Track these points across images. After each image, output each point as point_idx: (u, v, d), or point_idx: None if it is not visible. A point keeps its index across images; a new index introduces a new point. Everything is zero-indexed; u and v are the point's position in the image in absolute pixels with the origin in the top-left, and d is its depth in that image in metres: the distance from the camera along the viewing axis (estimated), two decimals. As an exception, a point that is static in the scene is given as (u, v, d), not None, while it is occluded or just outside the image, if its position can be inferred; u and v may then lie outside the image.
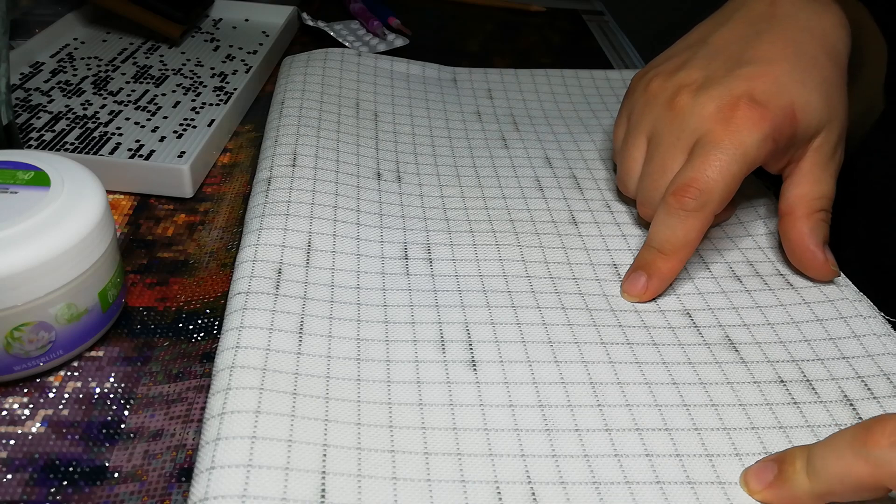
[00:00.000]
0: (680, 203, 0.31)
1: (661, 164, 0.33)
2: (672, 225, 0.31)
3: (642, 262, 0.33)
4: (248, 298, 0.29)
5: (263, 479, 0.23)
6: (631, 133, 0.36)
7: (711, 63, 0.34)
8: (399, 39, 0.60)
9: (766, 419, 0.27)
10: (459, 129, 0.45)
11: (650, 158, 0.34)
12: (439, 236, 0.35)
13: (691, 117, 0.32)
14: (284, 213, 0.34)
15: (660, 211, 0.32)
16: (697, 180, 0.31)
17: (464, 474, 0.24)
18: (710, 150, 0.31)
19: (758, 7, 0.35)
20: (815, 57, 0.33)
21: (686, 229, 0.31)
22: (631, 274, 0.33)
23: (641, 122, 0.35)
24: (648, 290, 0.32)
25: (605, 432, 0.26)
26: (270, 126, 0.41)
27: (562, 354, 0.29)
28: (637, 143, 0.35)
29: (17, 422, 0.26)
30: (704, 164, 0.31)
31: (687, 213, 0.31)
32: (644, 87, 0.36)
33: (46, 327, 0.27)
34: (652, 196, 0.34)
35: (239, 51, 0.55)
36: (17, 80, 0.47)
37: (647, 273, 0.32)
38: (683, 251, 0.32)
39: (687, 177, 0.31)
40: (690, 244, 0.32)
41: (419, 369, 0.28)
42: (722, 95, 0.32)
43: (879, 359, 0.30)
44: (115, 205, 0.38)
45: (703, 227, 0.31)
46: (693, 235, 0.31)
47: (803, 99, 0.32)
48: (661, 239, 0.32)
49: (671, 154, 0.33)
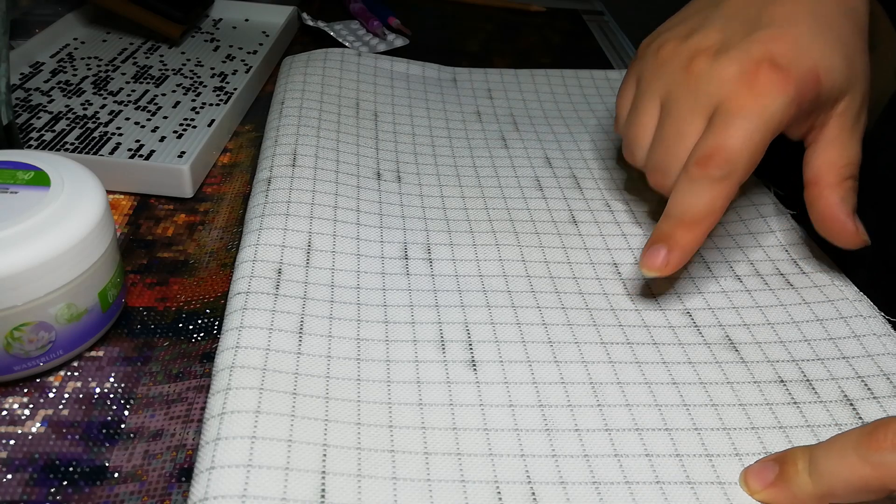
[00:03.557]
0: (704, 172, 0.29)
1: (677, 130, 0.31)
2: (697, 192, 0.30)
3: (662, 234, 0.31)
4: (248, 298, 0.29)
5: (263, 479, 0.23)
6: (641, 98, 0.34)
7: (727, 26, 0.32)
8: (399, 39, 0.60)
9: (766, 419, 0.27)
10: (459, 129, 0.45)
11: (664, 124, 0.32)
12: (439, 236, 0.35)
13: (710, 81, 0.30)
14: (284, 213, 0.34)
15: (682, 180, 0.30)
16: (723, 148, 0.29)
17: (464, 474, 0.24)
18: (734, 117, 0.29)
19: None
20: (833, 18, 0.31)
21: (711, 197, 0.29)
22: (649, 247, 0.31)
23: (653, 86, 0.33)
24: (669, 263, 0.30)
25: (604, 432, 0.26)
26: (270, 126, 0.41)
27: (562, 354, 0.29)
28: (648, 108, 0.33)
29: (17, 422, 0.26)
30: (729, 131, 0.29)
31: (712, 182, 0.29)
32: (655, 52, 0.33)
33: (46, 327, 0.27)
34: (666, 163, 0.32)
35: (239, 51, 0.55)
36: (17, 80, 0.47)
37: (667, 245, 0.30)
38: (707, 221, 0.30)
39: (711, 145, 0.29)
40: (715, 213, 0.30)
41: (419, 369, 0.28)
42: (742, 59, 0.30)
43: (879, 359, 0.30)
44: (115, 205, 0.38)
45: (729, 196, 0.30)
46: (718, 204, 0.30)
47: (826, 61, 0.30)
48: (683, 208, 0.30)
49: (689, 119, 0.31)
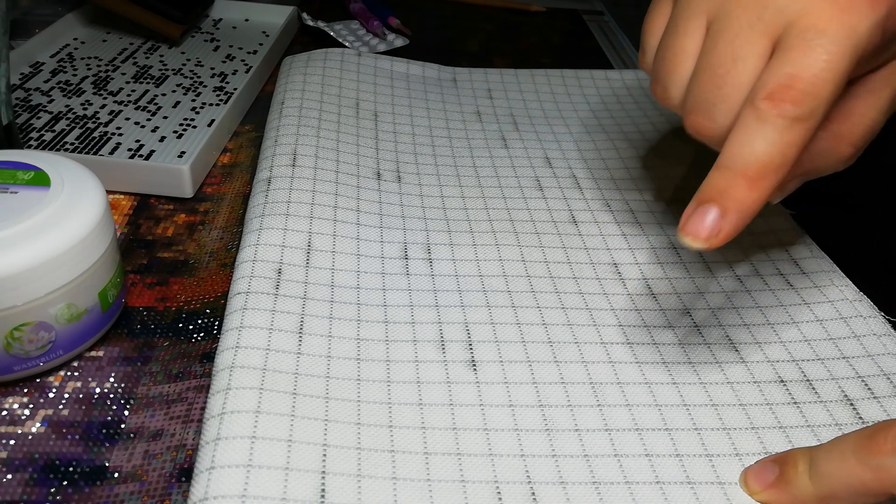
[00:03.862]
0: (778, 108, 0.23)
1: (731, 54, 0.25)
2: (766, 136, 0.23)
3: (714, 189, 0.24)
4: (248, 298, 0.29)
5: (263, 479, 0.23)
6: (681, 16, 0.27)
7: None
8: (399, 39, 0.60)
9: (766, 419, 0.27)
10: (459, 129, 0.45)
11: (712, 48, 0.26)
12: (439, 236, 0.35)
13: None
14: (284, 213, 0.34)
15: (746, 118, 0.24)
16: (800, 79, 0.23)
17: (464, 474, 0.24)
18: (813, 39, 0.23)
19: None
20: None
21: (785, 143, 0.23)
22: (696, 209, 0.24)
23: (697, 0, 0.26)
24: (722, 230, 0.23)
25: (604, 432, 0.26)
26: (270, 126, 0.41)
27: (562, 354, 0.29)
28: (690, 28, 0.27)
29: (17, 422, 0.26)
30: (807, 56, 0.23)
31: (788, 123, 0.23)
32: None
33: (46, 327, 0.27)
34: (716, 98, 0.25)
35: (239, 51, 0.55)
36: (17, 80, 0.47)
37: (720, 206, 0.23)
38: (776, 174, 0.24)
39: (787, 73, 0.23)
40: (787, 164, 0.24)
41: (419, 369, 0.28)
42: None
43: (879, 359, 0.30)
44: (115, 205, 0.38)
45: (806, 141, 0.24)
46: (793, 152, 0.23)
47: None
48: (747, 156, 0.24)
49: (747, 40, 0.25)
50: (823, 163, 0.27)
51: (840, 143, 0.27)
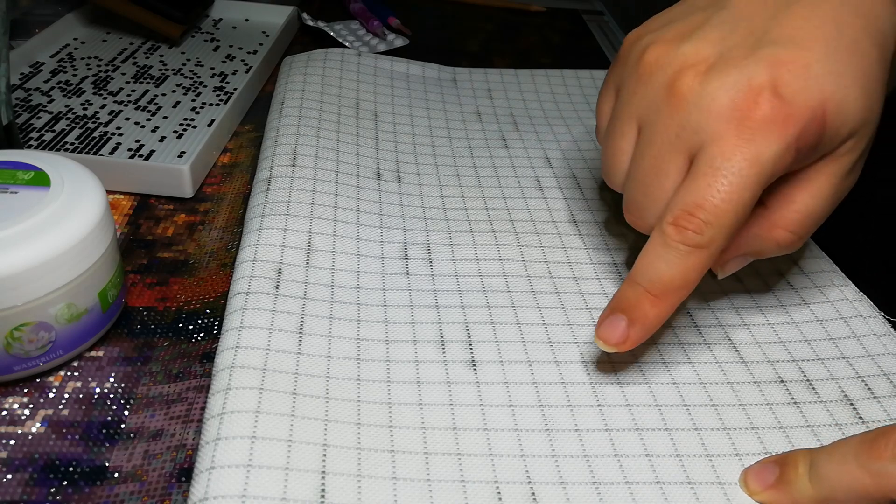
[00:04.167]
0: (681, 235, 0.25)
1: (655, 166, 0.27)
2: (669, 260, 0.25)
3: (624, 301, 0.26)
4: (248, 298, 0.29)
5: (263, 479, 0.23)
6: (618, 116, 0.29)
7: (728, 37, 0.26)
8: (399, 39, 0.60)
9: (766, 419, 0.27)
10: (459, 129, 0.45)
11: (641, 155, 0.27)
12: (439, 236, 0.35)
13: (696, 111, 0.25)
14: (284, 213, 0.34)
15: (653, 241, 0.26)
16: (703, 208, 0.24)
17: (464, 474, 0.24)
18: (719, 167, 0.24)
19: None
20: (857, 41, 0.25)
21: (685, 268, 0.25)
22: (608, 316, 0.26)
23: (631, 105, 0.28)
24: (629, 338, 0.26)
25: (604, 432, 0.26)
26: (270, 126, 0.41)
27: (562, 354, 0.29)
28: (625, 130, 0.28)
29: (17, 422, 0.26)
30: (712, 185, 0.24)
31: (689, 250, 0.25)
32: (638, 57, 0.28)
33: (46, 327, 0.27)
34: (642, 205, 0.28)
35: (239, 51, 0.55)
36: (17, 80, 0.47)
37: (628, 317, 0.26)
38: (678, 294, 0.26)
39: (689, 201, 0.25)
40: (688, 286, 0.26)
41: (419, 369, 0.28)
42: (738, 84, 0.25)
43: (879, 359, 0.30)
44: (115, 205, 0.38)
45: (706, 266, 0.25)
46: (693, 276, 0.25)
47: (838, 97, 0.25)
48: (651, 276, 0.26)
49: (667, 156, 0.26)
50: (762, 246, 0.28)
51: (775, 229, 0.27)
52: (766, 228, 0.28)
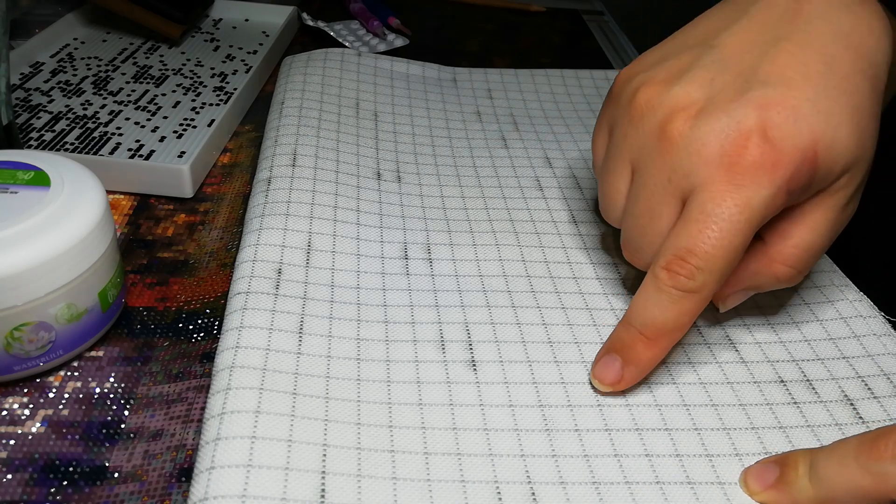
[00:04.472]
0: (673, 280, 0.25)
1: (648, 209, 0.27)
2: (661, 304, 0.26)
3: (619, 343, 0.27)
4: (248, 298, 0.29)
5: (263, 479, 0.23)
6: (612, 156, 0.29)
7: (717, 78, 0.26)
8: (399, 39, 0.60)
9: (766, 419, 0.27)
10: (459, 129, 0.45)
11: (635, 197, 0.28)
12: (439, 236, 0.35)
13: (686, 156, 0.26)
14: (284, 213, 0.34)
15: (647, 285, 0.26)
16: (694, 254, 0.25)
17: (464, 474, 0.24)
18: (710, 213, 0.25)
19: (780, 1, 0.27)
20: (847, 77, 0.26)
21: (677, 312, 0.26)
22: (604, 356, 0.27)
23: (624, 146, 0.28)
24: (624, 379, 0.27)
25: (604, 432, 0.26)
26: (270, 126, 0.41)
27: (562, 355, 0.29)
28: (619, 170, 0.29)
29: (17, 422, 0.26)
30: (703, 231, 0.25)
31: (681, 295, 0.25)
32: (630, 97, 0.28)
33: (46, 327, 0.27)
34: (638, 244, 0.28)
35: (239, 51, 0.55)
36: (17, 80, 0.47)
37: (623, 358, 0.27)
38: (671, 337, 0.26)
39: (681, 246, 0.25)
40: (680, 329, 0.26)
41: (419, 369, 0.28)
42: (727, 128, 0.25)
43: (879, 359, 0.30)
44: (115, 205, 0.38)
45: (699, 309, 0.26)
46: (685, 320, 0.26)
47: (828, 136, 0.25)
48: (645, 319, 0.26)
49: (660, 199, 0.27)
50: (762, 281, 0.29)
51: (773, 264, 0.28)
52: (764, 264, 0.28)
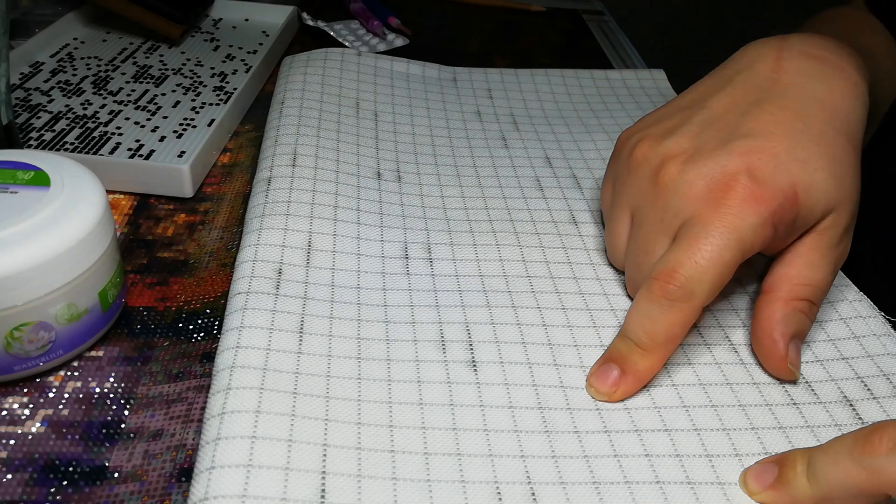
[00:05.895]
0: (663, 291, 0.27)
1: (644, 247, 0.30)
2: (653, 315, 0.27)
3: (616, 353, 0.28)
4: (248, 298, 0.29)
5: (263, 479, 0.23)
6: (615, 205, 0.33)
7: (704, 132, 0.30)
8: (399, 39, 0.60)
9: (766, 420, 0.27)
10: (459, 128, 0.45)
11: (633, 237, 0.31)
12: (439, 236, 0.35)
13: (676, 196, 0.28)
14: (284, 212, 0.34)
15: (640, 297, 0.28)
16: (683, 265, 0.27)
17: (464, 474, 0.24)
18: (699, 234, 0.27)
19: (761, 71, 0.31)
20: (821, 132, 0.29)
21: (668, 322, 0.27)
22: (601, 365, 0.28)
23: (624, 195, 0.32)
24: (620, 388, 0.27)
25: (604, 434, 0.26)
26: (270, 126, 0.41)
27: (561, 358, 0.29)
28: (621, 217, 0.32)
29: (17, 422, 0.26)
30: (693, 246, 0.27)
31: (671, 304, 0.27)
32: (629, 153, 0.32)
33: (46, 327, 0.27)
34: (638, 276, 0.31)
35: (239, 51, 0.55)
36: (17, 80, 0.47)
37: (620, 367, 0.28)
38: (664, 348, 0.27)
39: (671, 261, 0.27)
40: (673, 340, 0.27)
41: (419, 369, 0.28)
42: (713, 172, 0.28)
43: (879, 359, 0.30)
44: (115, 205, 0.38)
45: (689, 321, 0.27)
46: (676, 331, 0.27)
47: (806, 180, 0.28)
48: (639, 330, 0.28)
49: (654, 236, 0.29)
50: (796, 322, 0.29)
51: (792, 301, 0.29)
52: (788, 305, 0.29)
